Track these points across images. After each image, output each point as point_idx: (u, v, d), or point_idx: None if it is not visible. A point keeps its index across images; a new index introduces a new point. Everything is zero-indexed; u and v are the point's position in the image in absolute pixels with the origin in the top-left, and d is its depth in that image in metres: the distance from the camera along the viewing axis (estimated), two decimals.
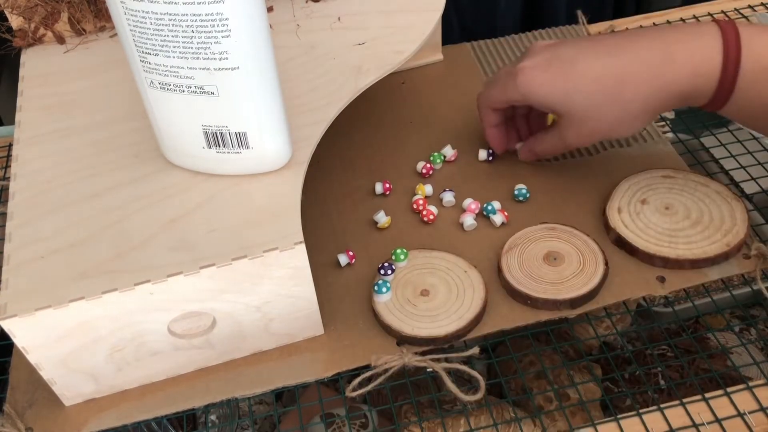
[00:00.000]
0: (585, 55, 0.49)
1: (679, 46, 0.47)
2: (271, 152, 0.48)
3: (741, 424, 0.45)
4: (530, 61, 0.51)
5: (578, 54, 0.49)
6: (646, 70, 0.47)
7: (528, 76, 0.51)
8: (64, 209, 0.48)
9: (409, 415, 0.55)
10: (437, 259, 0.53)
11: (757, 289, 0.51)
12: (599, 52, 0.49)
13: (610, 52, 0.49)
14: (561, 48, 0.51)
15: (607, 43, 0.50)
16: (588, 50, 0.49)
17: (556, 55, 0.50)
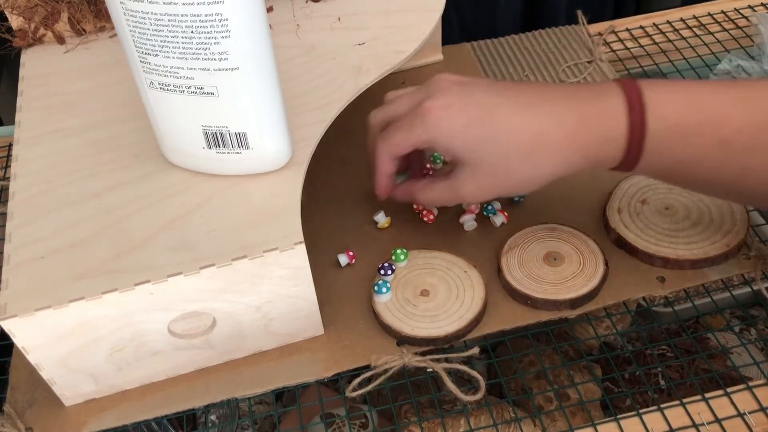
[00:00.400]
0: (504, 104, 0.45)
1: (590, 110, 0.44)
2: (271, 152, 0.48)
3: (741, 424, 0.45)
4: (440, 100, 0.46)
5: (497, 102, 0.45)
6: (562, 133, 0.44)
7: (440, 118, 0.46)
8: (64, 209, 0.48)
9: (409, 415, 0.55)
10: (437, 259, 0.53)
11: (757, 289, 0.51)
12: (519, 103, 0.45)
13: (530, 106, 0.45)
14: (476, 90, 0.46)
15: (525, 96, 0.46)
16: (507, 99, 0.46)
17: (473, 99, 0.46)
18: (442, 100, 0.46)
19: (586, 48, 0.72)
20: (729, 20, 0.75)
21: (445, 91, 0.47)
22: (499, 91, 0.46)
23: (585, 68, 0.69)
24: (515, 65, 0.71)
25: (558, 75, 0.69)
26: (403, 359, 0.47)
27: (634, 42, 0.74)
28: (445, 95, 0.46)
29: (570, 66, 0.70)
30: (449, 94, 0.46)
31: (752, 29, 0.74)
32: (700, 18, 0.76)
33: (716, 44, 0.72)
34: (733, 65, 0.71)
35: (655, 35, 0.74)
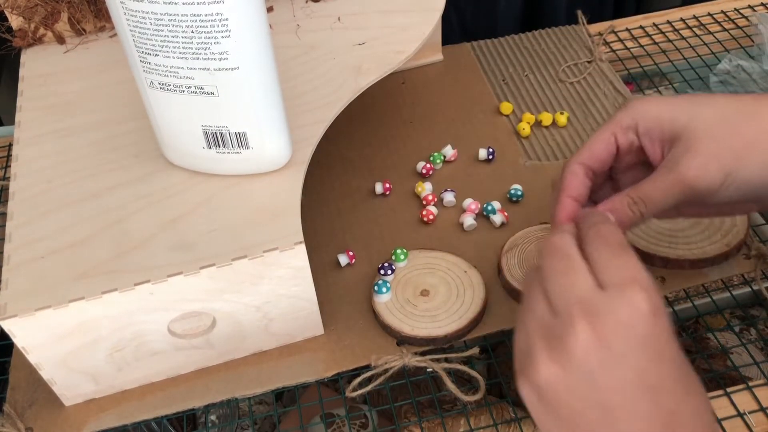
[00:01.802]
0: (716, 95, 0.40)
1: None
2: (271, 152, 0.48)
3: (741, 424, 0.45)
4: (646, 98, 0.42)
5: (709, 95, 0.41)
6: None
7: (647, 101, 0.41)
8: (64, 209, 0.48)
9: (409, 415, 0.55)
10: (437, 259, 0.53)
11: (757, 289, 0.51)
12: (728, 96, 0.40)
13: (744, 97, 0.40)
14: None
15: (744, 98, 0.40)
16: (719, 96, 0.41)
17: (680, 96, 0.41)
18: (648, 98, 0.42)
19: (586, 48, 0.72)
20: (729, 20, 0.75)
21: None
22: None
23: (585, 68, 0.69)
24: (515, 65, 0.71)
25: (558, 75, 0.69)
26: (403, 359, 0.47)
27: (634, 42, 0.74)
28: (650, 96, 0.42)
29: (570, 66, 0.70)
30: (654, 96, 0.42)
31: (752, 29, 0.74)
32: (700, 18, 0.76)
33: (716, 44, 0.72)
34: (733, 65, 0.71)
35: (655, 35, 0.74)
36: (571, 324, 0.33)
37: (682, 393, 0.33)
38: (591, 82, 0.68)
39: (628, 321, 0.32)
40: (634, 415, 0.32)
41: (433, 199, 0.58)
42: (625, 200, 0.40)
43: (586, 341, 0.32)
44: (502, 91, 0.68)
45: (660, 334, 0.33)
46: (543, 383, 0.34)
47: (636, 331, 0.32)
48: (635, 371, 0.32)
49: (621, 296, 0.33)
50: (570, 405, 0.34)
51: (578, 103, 0.66)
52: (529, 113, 0.65)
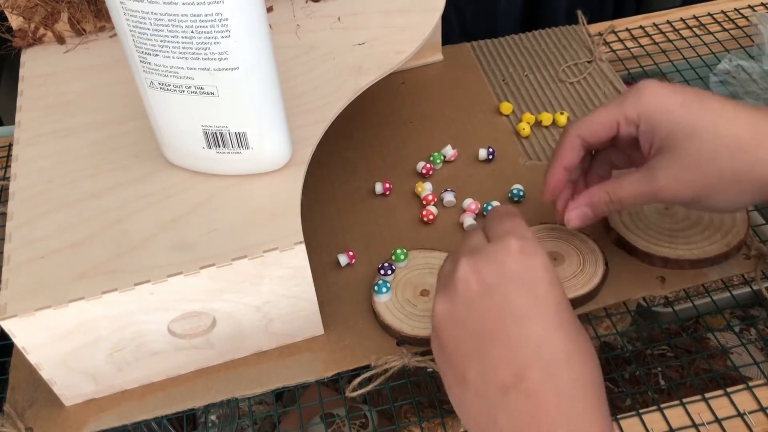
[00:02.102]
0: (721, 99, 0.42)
1: None
2: (271, 152, 0.48)
3: (741, 424, 0.45)
4: (656, 85, 0.43)
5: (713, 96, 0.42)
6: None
7: (656, 92, 0.42)
8: (64, 209, 0.48)
9: (409, 415, 0.55)
10: (437, 259, 0.53)
11: (757, 289, 0.51)
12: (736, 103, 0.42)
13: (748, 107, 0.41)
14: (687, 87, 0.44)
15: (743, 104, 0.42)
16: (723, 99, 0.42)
17: (689, 89, 0.43)
18: (658, 86, 0.43)
19: (586, 48, 0.72)
20: (729, 20, 0.75)
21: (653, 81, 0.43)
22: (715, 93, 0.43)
23: (585, 68, 0.69)
24: (515, 65, 0.71)
25: (558, 75, 0.69)
26: (403, 359, 0.47)
27: (634, 42, 0.74)
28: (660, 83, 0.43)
29: (570, 66, 0.70)
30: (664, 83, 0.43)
31: (752, 29, 0.74)
32: (700, 18, 0.76)
33: (716, 44, 0.72)
34: (733, 65, 0.71)
35: (655, 35, 0.74)
36: (457, 265, 0.37)
37: (550, 327, 0.35)
38: (591, 82, 0.68)
39: (499, 258, 0.37)
40: (503, 343, 0.35)
41: (433, 199, 0.58)
42: (603, 198, 0.46)
43: (466, 274, 0.37)
44: (502, 91, 0.68)
45: (531, 271, 0.36)
46: (437, 320, 0.38)
47: (506, 267, 0.36)
48: (504, 299, 0.36)
49: (498, 242, 0.38)
50: (454, 336, 0.37)
51: (578, 103, 0.66)
52: (529, 113, 0.65)
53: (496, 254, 0.37)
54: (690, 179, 0.42)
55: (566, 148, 0.46)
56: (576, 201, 0.47)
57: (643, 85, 0.43)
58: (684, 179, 0.42)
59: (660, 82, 0.43)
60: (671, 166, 0.42)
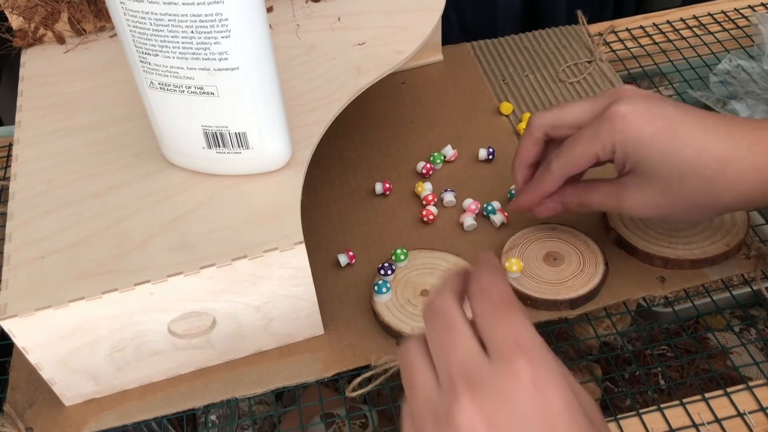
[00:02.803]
0: (693, 122, 0.43)
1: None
2: (271, 152, 0.48)
3: (741, 424, 0.45)
4: (629, 106, 0.43)
5: (685, 118, 0.43)
6: (750, 162, 0.42)
7: (630, 123, 0.43)
8: (64, 209, 0.48)
9: None
10: (437, 259, 0.53)
11: (757, 289, 0.51)
12: (707, 124, 0.43)
13: (718, 128, 0.43)
14: (663, 104, 0.44)
15: (713, 118, 0.43)
16: (695, 118, 0.43)
17: (662, 110, 0.43)
18: (630, 107, 0.43)
19: (586, 48, 0.72)
20: (729, 20, 0.75)
21: (631, 99, 0.44)
22: (686, 109, 0.44)
23: (585, 68, 0.69)
24: (515, 65, 0.71)
25: (558, 75, 0.69)
26: None
27: (634, 42, 0.74)
28: (632, 102, 0.44)
29: (570, 66, 0.70)
30: (636, 101, 0.44)
31: (752, 29, 0.74)
32: (700, 18, 0.76)
33: (716, 44, 0.72)
34: (733, 65, 0.71)
35: (655, 35, 0.74)
36: (455, 399, 0.30)
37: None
38: (591, 82, 0.68)
39: (510, 395, 0.30)
40: None
41: (433, 199, 0.58)
42: (574, 201, 0.49)
43: (471, 419, 0.30)
44: (502, 91, 0.68)
45: (548, 412, 0.30)
46: None
47: (520, 408, 0.30)
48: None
49: (503, 367, 0.30)
50: None
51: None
52: (529, 113, 0.65)
53: (503, 390, 0.30)
54: (657, 203, 0.45)
55: (548, 182, 0.48)
56: (551, 199, 0.50)
57: (616, 111, 0.43)
58: (651, 202, 0.45)
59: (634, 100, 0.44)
60: (640, 189, 0.45)
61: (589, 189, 0.48)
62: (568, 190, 0.49)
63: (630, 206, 0.46)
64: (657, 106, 0.44)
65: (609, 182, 0.47)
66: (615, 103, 0.44)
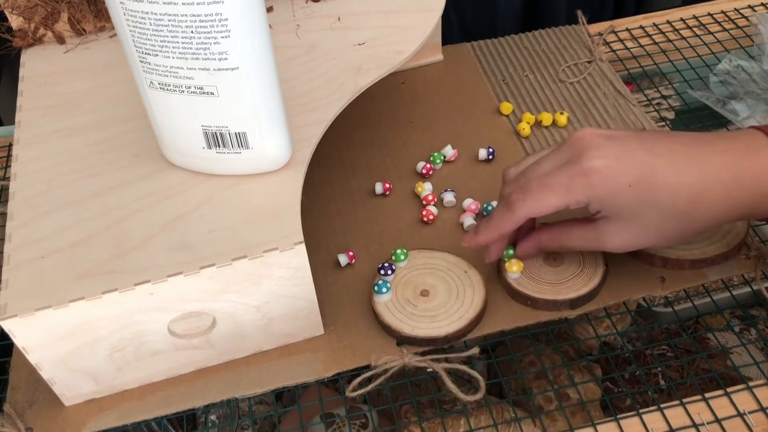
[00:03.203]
0: (663, 165, 0.44)
1: (744, 164, 0.43)
2: (271, 152, 0.48)
3: (741, 424, 0.45)
4: (601, 160, 0.44)
5: (656, 163, 0.44)
6: (720, 190, 0.43)
7: (605, 178, 0.43)
8: (64, 209, 0.48)
9: (409, 415, 0.55)
10: (437, 259, 0.53)
11: (757, 289, 0.51)
12: (677, 161, 0.44)
13: (687, 163, 0.44)
14: (632, 148, 0.44)
15: (680, 152, 0.44)
16: (664, 159, 0.44)
17: (634, 158, 0.44)
18: (603, 160, 0.44)
19: (586, 48, 0.72)
20: (729, 20, 0.75)
21: (601, 149, 0.44)
22: (653, 148, 0.44)
23: (585, 68, 0.69)
24: (515, 65, 0.71)
25: (558, 75, 0.69)
26: (403, 359, 0.47)
27: (634, 42, 0.74)
28: (603, 154, 0.44)
29: (570, 66, 0.70)
30: (608, 153, 0.44)
31: (752, 29, 0.74)
32: (700, 18, 0.76)
33: (716, 44, 0.72)
34: (733, 65, 0.71)
35: (655, 35, 0.74)
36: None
37: None
38: (591, 82, 0.68)
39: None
40: None
41: (433, 199, 0.58)
42: (552, 245, 0.50)
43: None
44: (502, 91, 0.68)
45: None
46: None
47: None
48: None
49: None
50: None
51: (578, 103, 0.66)
52: (529, 113, 0.65)
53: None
54: (637, 241, 0.46)
55: (510, 222, 0.47)
56: (527, 242, 0.51)
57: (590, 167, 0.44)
58: (631, 242, 0.46)
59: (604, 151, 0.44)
60: (620, 233, 0.46)
61: (567, 234, 0.48)
62: (544, 235, 0.50)
63: (612, 248, 0.47)
64: (628, 152, 0.44)
65: (585, 226, 0.47)
66: (586, 157, 0.44)
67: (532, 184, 0.46)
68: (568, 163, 0.45)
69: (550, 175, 0.45)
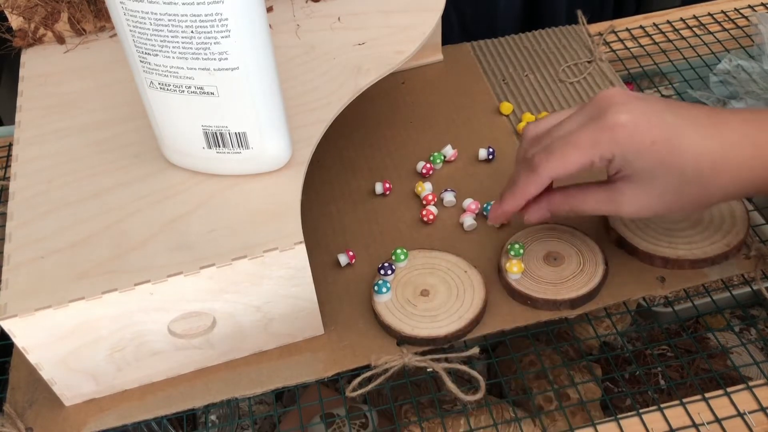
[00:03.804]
0: (689, 127, 0.43)
1: (765, 136, 0.43)
2: (271, 152, 0.48)
3: (741, 424, 0.45)
4: (628, 115, 0.43)
5: (682, 125, 0.43)
6: (741, 158, 0.43)
7: (631, 133, 0.43)
8: (64, 209, 0.48)
9: (409, 415, 0.55)
10: (437, 259, 0.53)
11: (757, 289, 0.51)
12: (701, 125, 0.43)
13: (711, 128, 0.43)
14: (659, 108, 0.44)
15: (705, 118, 0.44)
16: (690, 122, 0.44)
17: (660, 118, 0.43)
18: (629, 115, 0.43)
19: (586, 48, 0.72)
20: (729, 20, 0.75)
21: (628, 105, 0.44)
22: (680, 112, 0.44)
23: (585, 68, 0.69)
24: (515, 65, 0.71)
25: (558, 75, 0.69)
26: (403, 359, 0.47)
27: (634, 42, 0.74)
28: (630, 110, 0.43)
29: (570, 66, 0.70)
30: (634, 109, 0.43)
31: (752, 29, 0.74)
32: (700, 18, 0.76)
33: (716, 44, 0.72)
34: (733, 65, 0.71)
35: (655, 35, 0.74)
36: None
37: None
38: (591, 82, 0.68)
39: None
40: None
41: (433, 199, 0.58)
42: (564, 208, 0.48)
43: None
44: (502, 91, 0.68)
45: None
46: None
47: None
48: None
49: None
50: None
51: (578, 103, 0.66)
52: (529, 113, 0.65)
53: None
54: (654, 205, 0.45)
55: (535, 185, 0.46)
56: (537, 203, 0.49)
57: (616, 121, 0.43)
58: (648, 205, 0.45)
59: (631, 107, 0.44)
60: (638, 195, 0.45)
61: (581, 195, 0.47)
62: (557, 197, 0.48)
63: (628, 211, 0.46)
64: (654, 112, 0.43)
65: (602, 188, 0.46)
66: (612, 111, 0.43)
67: (555, 143, 0.45)
68: (593, 119, 0.44)
69: (574, 133, 0.44)
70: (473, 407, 0.51)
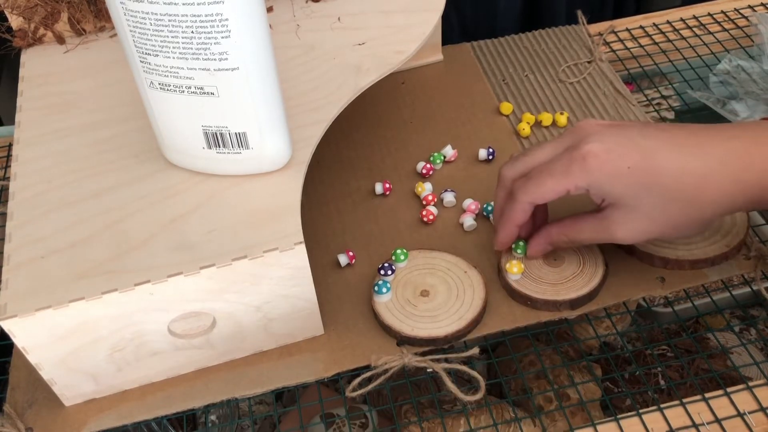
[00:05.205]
0: (664, 147, 0.43)
1: (753, 150, 0.43)
2: (271, 152, 0.48)
3: (741, 424, 0.45)
4: (599, 144, 0.44)
5: (657, 145, 0.44)
6: (727, 175, 0.43)
7: (603, 162, 0.43)
8: (64, 209, 0.48)
9: (409, 415, 0.55)
10: (437, 260, 0.53)
11: (757, 289, 0.51)
12: (679, 145, 0.44)
13: (690, 147, 0.44)
14: (632, 134, 0.44)
15: (683, 138, 0.44)
16: (665, 142, 0.44)
17: (633, 142, 0.44)
18: (601, 145, 0.44)
19: (586, 48, 0.72)
20: (729, 20, 0.75)
21: (600, 135, 0.44)
22: (655, 134, 0.44)
23: (585, 68, 0.69)
24: (515, 65, 0.71)
25: (558, 75, 0.69)
26: (403, 359, 0.47)
27: (634, 42, 0.74)
28: (602, 139, 0.44)
29: (570, 66, 0.70)
30: (606, 138, 0.44)
31: (752, 29, 0.74)
32: (700, 18, 0.76)
33: (716, 44, 0.72)
34: (733, 65, 0.71)
35: (655, 35, 0.74)
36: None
37: None
38: (591, 82, 0.68)
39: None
40: None
41: (433, 199, 0.58)
42: (562, 240, 0.49)
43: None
44: (502, 91, 0.68)
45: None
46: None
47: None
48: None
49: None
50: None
51: (578, 103, 0.66)
52: (529, 113, 0.65)
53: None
54: (645, 230, 0.45)
55: (518, 211, 0.48)
56: (537, 238, 0.51)
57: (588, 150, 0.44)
58: (640, 230, 0.45)
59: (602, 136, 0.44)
60: (627, 221, 0.45)
61: (576, 227, 0.48)
62: (554, 230, 0.50)
63: (622, 237, 0.46)
64: (627, 138, 0.44)
65: (594, 218, 0.47)
66: (585, 141, 0.44)
67: (533, 172, 0.47)
68: (568, 149, 0.45)
69: (549, 163, 0.46)
70: (473, 407, 0.51)
